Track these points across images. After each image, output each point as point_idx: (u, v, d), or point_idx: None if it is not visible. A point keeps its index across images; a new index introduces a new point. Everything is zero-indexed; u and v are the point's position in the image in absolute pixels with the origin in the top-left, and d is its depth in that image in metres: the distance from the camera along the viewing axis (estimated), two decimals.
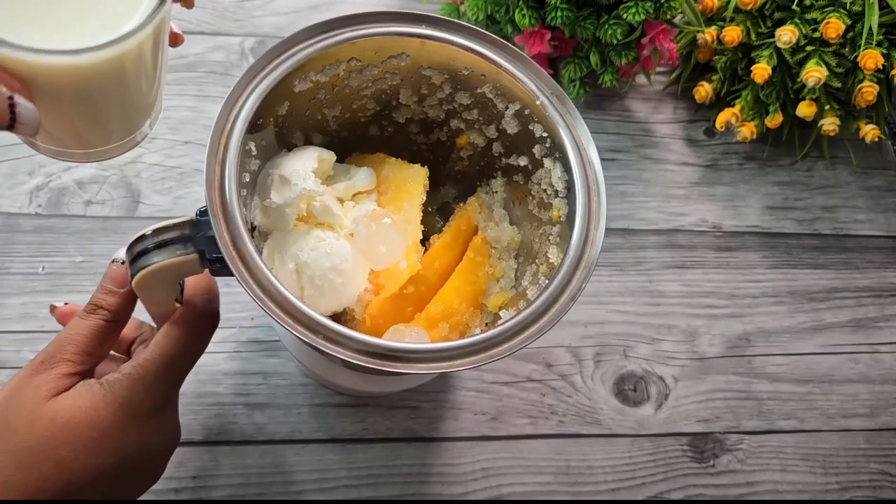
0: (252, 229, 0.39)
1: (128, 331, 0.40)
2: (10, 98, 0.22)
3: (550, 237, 0.40)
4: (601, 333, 0.59)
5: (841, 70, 0.62)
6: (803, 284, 0.65)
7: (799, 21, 0.62)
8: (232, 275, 0.32)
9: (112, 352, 0.39)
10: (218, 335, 0.53)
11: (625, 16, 0.59)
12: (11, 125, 0.22)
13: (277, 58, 0.37)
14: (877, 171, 0.73)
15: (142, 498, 0.48)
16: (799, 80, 0.63)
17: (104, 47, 0.24)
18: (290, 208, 0.38)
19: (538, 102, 0.39)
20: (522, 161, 0.43)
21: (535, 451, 0.54)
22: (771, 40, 0.63)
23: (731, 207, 0.68)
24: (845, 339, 0.63)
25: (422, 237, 0.42)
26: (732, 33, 0.64)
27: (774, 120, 0.66)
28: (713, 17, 0.68)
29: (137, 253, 0.34)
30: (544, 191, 0.41)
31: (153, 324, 0.40)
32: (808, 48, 0.62)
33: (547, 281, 0.36)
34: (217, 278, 0.38)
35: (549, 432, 0.55)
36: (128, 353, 0.40)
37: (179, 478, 0.49)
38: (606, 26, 0.61)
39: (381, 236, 0.39)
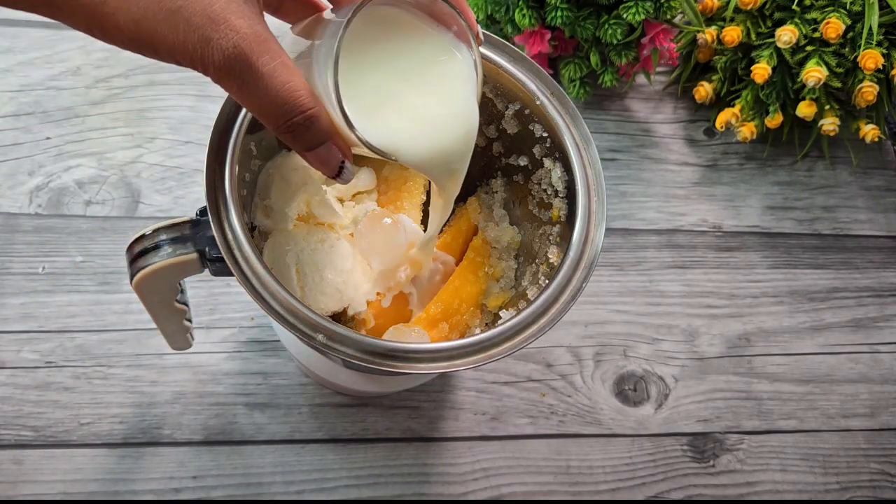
0: (252, 229, 0.39)
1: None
2: (342, 162, 0.30)
3: (550, 237, 0.40)
4: (601, 333, 0.59)
5: (841, 70, 0.62)
6: (803, 284, 0.65)
7: (799, 21, 0.62)
8: (232, 275, 0.32)
9: None
10: (218, 335, 0.54)
11: (625, 16, 0.59)
12: (335, 177, 0.30)
13: None
14: (877, 171, 0.73)
15: (142, 498, 0.48)
16: (799, 80, 0.63)
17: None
18: (290, 208, 0.38)
19: (538, 102, 0.39)
20: (522, 161, 0.43)
21: (535, 451, 0.54)
22: (771, 40, 0.63)
23: (731, 207, 0.68)
24: (845, 339, 0.63)
25: None
26: (732, 33, 0.64)
27: (774, 120, 0.66)
28: (713, 17, 0.68)
29: (137, 253, 0.34)
30: (544, 191, 0.41)
31: None
32: (808, 48, 0.62)
33: (547, 281, 0.36)
34: (217, 278, 0.38)
35: (549, 432, 0.55)
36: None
37: (179, 478, 0.49)
38: (606, 26, 0.61)
39: (381, 236, 0.39)
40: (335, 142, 0.29)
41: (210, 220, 0.32)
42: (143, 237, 0.34)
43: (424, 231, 0.42)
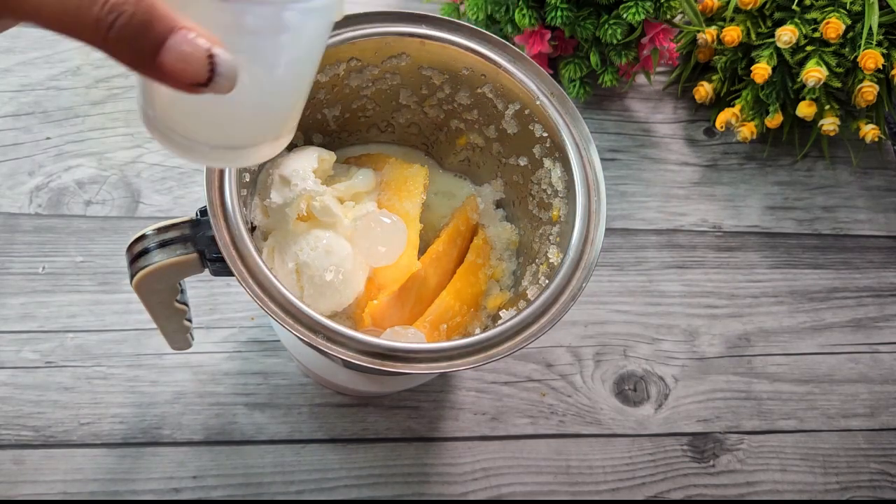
0: (252, 229, 0.39)
1: None
2: (211, 55, 0.21)
3: (550, 237, 0.40)
4: (601, 333, 0.59)
5: (841, 70, 0.62)
6: (803, 284, 0.65)
7: (799, 21, 0.62)
8: (232, 275, 0.32)
9: None
10: (218, 335, 0.54)
11: (625, 16, 0.59)
12: (208, 83, 0.21)
13: None
14: (877, 171, 0.73)
15: (142, 498, 0.48)
16: (799, 80, 0.63)
17: None
18: (290, 208, 0.38)
19: (538, 102, 0.39)
20: (522, 161, 0.43)
21: (535, 451, 0.54)
22: (771, 40, 0.63)
23: (731, 207, 0.68)
24: (845, 339, 0.63)
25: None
26: (732, 33, 0.64)
27: (774, 120, 0.66)
28: (713, 17, 0.68)
29: (137, 253, 0.34)
30: (544, 191, 0.41)
31: None
32: (808, 48, 0.62)
33: (547, 281, 0.36)
34: (217, 278, 0.38)
35: (549, 432, 0.55)
36: None
37: (179, 478, 0.49)
38: (606, 26, 0.61)
39: (381, 236, 0.39)
40: (186, 28, 0.20)
41: (210, 220, 0.32)
42: (143, 237, 0.34)
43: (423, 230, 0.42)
